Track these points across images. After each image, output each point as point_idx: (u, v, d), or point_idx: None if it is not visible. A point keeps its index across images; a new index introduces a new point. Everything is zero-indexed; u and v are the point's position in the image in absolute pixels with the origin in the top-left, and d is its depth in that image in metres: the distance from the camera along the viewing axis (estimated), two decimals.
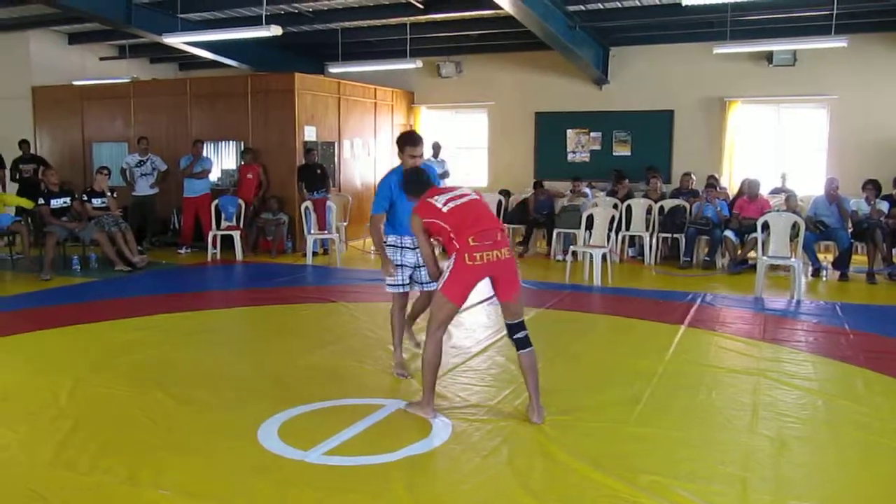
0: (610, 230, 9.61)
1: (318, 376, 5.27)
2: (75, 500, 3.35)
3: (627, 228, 10.79)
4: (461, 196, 4.51)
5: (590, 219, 9.75)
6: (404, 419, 4.41)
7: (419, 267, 5.30)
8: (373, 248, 12.09)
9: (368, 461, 3.79)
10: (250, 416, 4.39)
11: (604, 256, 9.21)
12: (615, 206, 10.60)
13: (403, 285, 5.39)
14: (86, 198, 10.19)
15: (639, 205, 10.91)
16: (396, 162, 5.26)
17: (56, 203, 9.85)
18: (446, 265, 4.40)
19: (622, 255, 10.92)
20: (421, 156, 5.15)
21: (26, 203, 10.40)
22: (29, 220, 10.60)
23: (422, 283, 5.34)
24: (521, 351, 4.49)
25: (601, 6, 11.19)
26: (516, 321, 4.49)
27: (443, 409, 4.55)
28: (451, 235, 4.34)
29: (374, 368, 5.46)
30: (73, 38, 14.67)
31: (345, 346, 6.04)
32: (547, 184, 12.42)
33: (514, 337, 4.50)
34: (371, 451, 3.91)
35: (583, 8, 11.21)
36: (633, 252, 11.28)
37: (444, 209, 4.39)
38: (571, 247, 9.94)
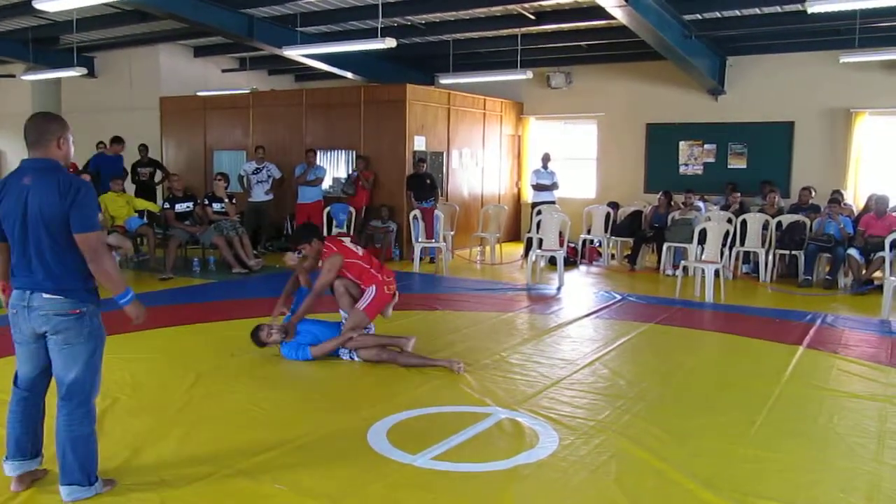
0: (723, 245, 9.31)
1: (425, 382, 5.32)
2: (197, 490, 3.51)
3: (742, 244, 10.41)
4: (353, 242, 6.24)
5: (702, 233, 9.47)
6: (511, 428, 4.41)
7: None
8: (478, 257, 12.17)
9: (477, 468, 3.81)
10: (360, 419, 4.48)
11: (716, 272, 8.93)
12: (729, 221, 10.26)
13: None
14: (207, 202, 10.68)
15: (754, 219, 10.51)
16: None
17: (180, 207, 10.39)
18: (366, 293, 5.84)
19: (735, 271, 10.55)
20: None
21: (153, 207, 11.00)
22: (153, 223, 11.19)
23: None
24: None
25: (719, 15, 10.88)
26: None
27: (550, 421, 4.52)
28: (371, 272, 5.91)
29: (480, 376, 5.46)
30: (198, 51, 15.44)
31: (450, 354, 6.07)
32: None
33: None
34: (479, 459, 3.92)
35: (699, 17, 10.94)
36: (748, 269, 10.88)
37: (360, 251, 6.03)
38: (682, 261, 9.68)
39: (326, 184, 12.42)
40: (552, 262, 10.83)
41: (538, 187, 12.69)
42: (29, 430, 3.45)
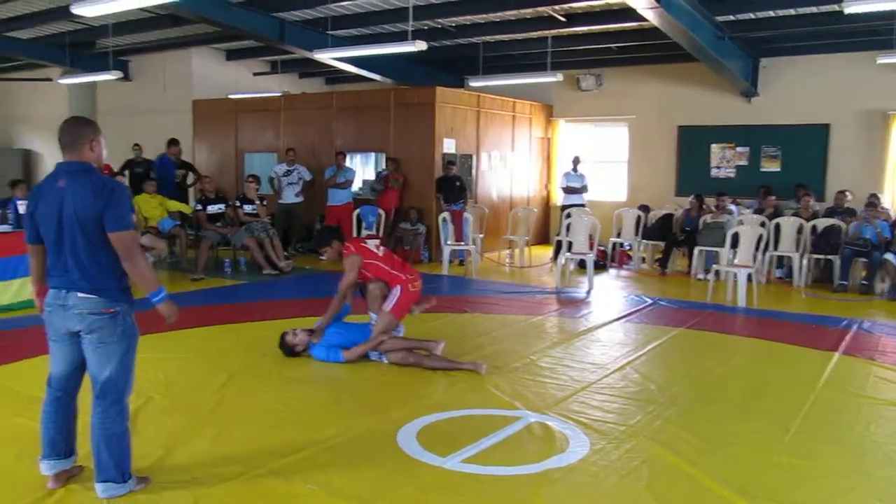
0: (756, 249, 9.19)
1: (454, 385, 5.32)
2: (229, 489, 3.53)
3: (775, 248, 10.26)
4: (377, 242, 6.17)
5: (735, 237, 9.35)
6: (541, 432, 4.38)
7: None
8: (507, 260, 12.14)
9: (506, 472, 3.80)
10: (390, 420, 4.49)
11: (749, 277, 8.81)
12: (762, 224, 10.12)
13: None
14: (238, 204, 10.77)
15: (788, 223, 10.36)
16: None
17: (212, 209, 10.49)
18: (391, 294, 5.87)
19: (768, 275, 10.41)
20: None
21: (185, 208, 11.12)
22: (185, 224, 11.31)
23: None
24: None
25: (752, 16, 10.76)
26: None
27: (580, 425, 4.49)
28: (392, 272, 5.91)
29: (509, 379, 5.44)
30: (230, 55, 15.60)
31: (479, 356, 6.05)
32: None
33: None
34: (509, 462, 3.91)
35: (732, 18, 10.82)
36: (781, 273, 10.72)
37: (381, 252, 6.01)
38: (715, 265, 9.56)
39: (356, 186, 12.47)
40: (581, 265, 10.78)
41: (568, 190, 12.63)
42: (62, 429, 3.50)
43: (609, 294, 9.41)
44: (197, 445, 4.08)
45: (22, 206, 8.00)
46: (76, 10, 8.16)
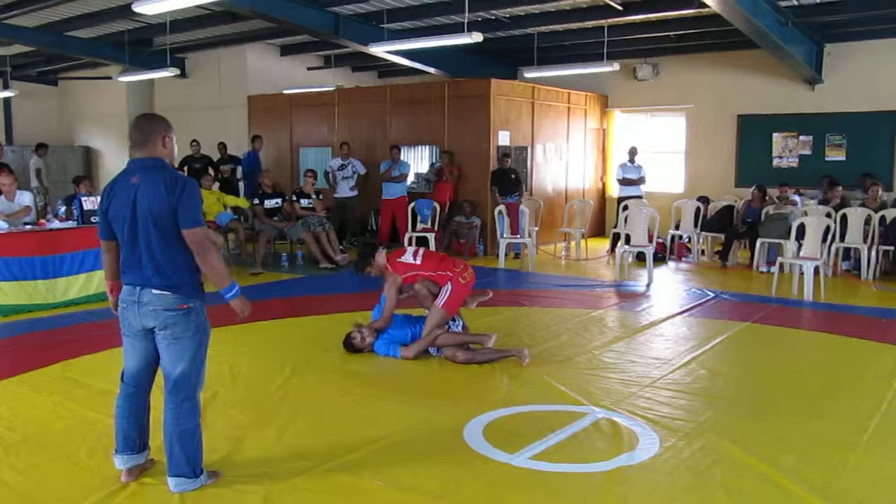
0: (823, 241, 8.91)
1: (517, 378, 5.26)
2: (299, 484, 3.54)
3: (842, 239, 9.93)
4: (415, 249, 6.08)
5: (800, 228, 9.08)
6: (609, 428, 4.30)
7: None
8: (563, 253, 12.02)
9: (576, 469, 3.73)
10: (456, 416, 4.45)
11: (816, 269, 8.55)
12: (828, 215, 9.82)
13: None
14: (295, 198, 10.86)
15: (855, 214, 10.02)
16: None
17: (269, 203, 10.59)
18: (443, 290, 5.75)
19: (835, 268, 10.09)
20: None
21: (243, 203, 11.26)
22: (242, 218, 11.44)
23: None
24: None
25: (817, 0, 10.42)
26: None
27: (649, 422, 4.39)
28: (437, 274, 5.82)
29: (573, 374, 5.36)
30: (285, 50, 15.73)
31: (541, 350, 6.00)
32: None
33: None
34: (578, 459, 3.84)
35: (796, 3, 10.50)
36: (848, 265, 10.40)
37: (419, 259, 5.91)
38: (779, 258, 9.30)
39: (409, 179, 12.47)
40: (639, 257, 10.61)
41: (625, 182, 12.44)
42: (136, 424, 3.54)
43: (669, 287, 9.22)
44: (265, 439, 4.10)
45: (87, 202, 8.16)
46: (137, 7, 8.29)
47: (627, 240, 10.01)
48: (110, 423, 4.09)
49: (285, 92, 14.67)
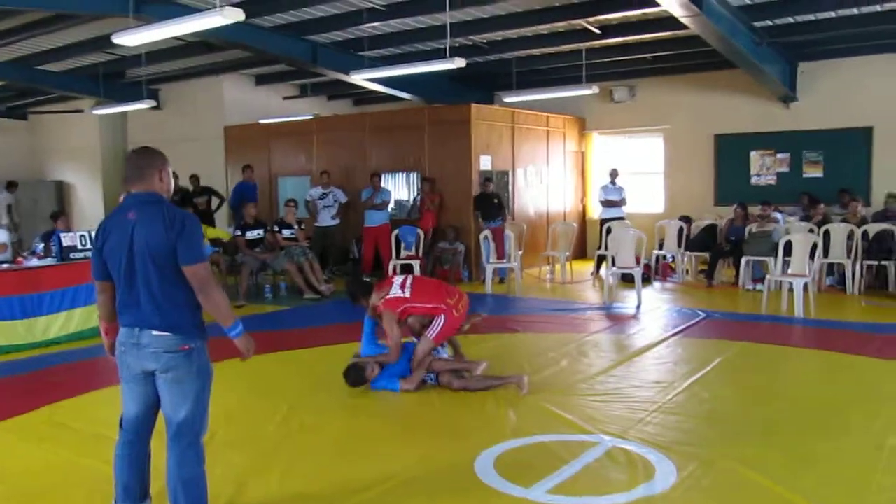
0: (810, 258, 8.93)
1: (522, 409, 5.13)
2: None
3: (825, 255, 9.98)
4: (403, 279, 5.82)
5: (787, 245, 9.10)
6: (622, 457, 4.19)
7: None
8: (548, 276, 11.96)
9: (597, 502, 3.62)
10: (463, 449, 4.32)
11: (805, 286, 8.56)
12: (810, 231, 9.87)
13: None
14: (277, 229, 10.70)
15: (838, 230, 10.09)
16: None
17: (251, 234, 10.41)
18: (435, 322, 5.62)
19: (819, 284, 10.12)
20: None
21: (223, 234, 11.07)
22: (222, 250, 11.24)
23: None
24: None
25: (792, 20, 10.56)
26: None
27: (661, 449, 4.29)
28: (430, 306, 5.66)
29: (577, 401, 5.26)
30: (260, 80, 15.62)
31: (542, 378, 5.89)
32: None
33: None
34: (597, 491, 3.73)
35: (770, 23, 10.62)
36: (832, 281, 10.46)
37: (407, 292, 5.67)
38: (768, 276, 9.30)
39: (390, 206, 12.35)
40: (625, 279, 10.57)
41: (607, 203, 12.45)
42: (136, 474, 3.37)
43: (658, 308, 9.18)
44: (268, 482, 3.94)
45: (66, 238, 7.95)
46: (117, 39, 8.16)
47: (613, 261, 9.97)
48: (105, 469, 3.92)
49: (262, 122, 14.54)
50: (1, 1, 8.84)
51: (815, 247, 8.91)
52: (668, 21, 10.01)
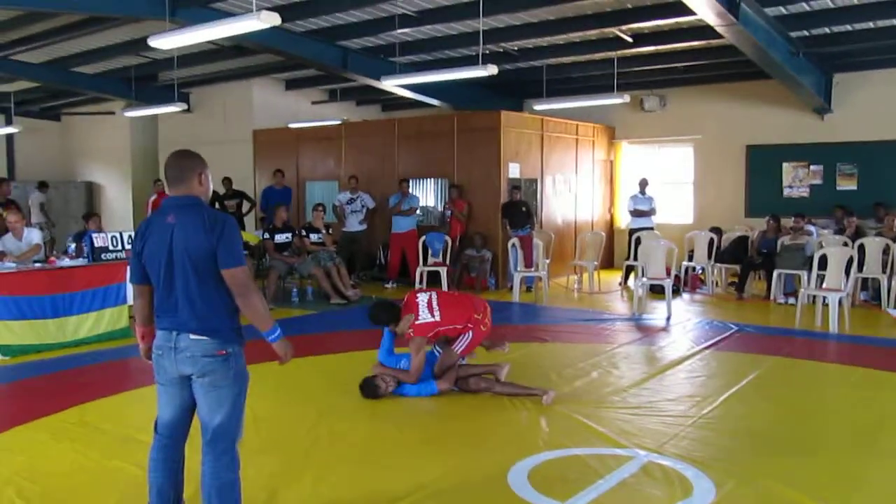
0: (846, 272, 8.77)
1: (554, 421, 5.06)
2: None
3: (859, 269, 9.79)
4: (428, 298, 5.67)
5: (822, 258, 8.94)
6: (659, 473, 4.11)
7: None
8: (576, 285, 11.87)
9: None
10: (496, 461, 4.26)
11: (840, 301, 8.41)
12: (844, 245, 9.70)
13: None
14: (304, 233, 10.70)
15: (873, 244, 9.91)
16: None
17: (279, 238, 10.43)
18: (463, 337, 5.61)
19: (854, 298, 9.94)
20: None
21: (251, 238, 11.10)
22: (250, 254, 11.27)
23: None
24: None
25: (828, 30, 10.41)
26: None
27: (697, 464, 4.20)
28: (457, 327, 5.60)
29: (610, 415, 5.18)
30: (289, 84, 15.68)
31: (574, 389, 5.81)
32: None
33: None
34: None
35: (806, 33, 10.48)
36: (866, 296, 10.27)
37: (436, 315, 5.54)
38: (802, 290, 9.14)
39: (417, 212, 12.32)
40: (654, 290, 10.44)
41: (636, 213, 12.34)
42: (171, 479, 3.34)
43: (688, 321, 9.04)
44: (301, 490, 3.90)
45: (97, 239, 8.01)
46: (154, 42, 8.20)
47: (643, 272, 9.86)
48: (136, 472, 3.93)
49: (291, 126, 14.58)
50: (40, 3, 8.94)
51: (850, 261, 8.74)
52: (702, 30, 9.94)
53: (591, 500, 3.72)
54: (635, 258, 11.03)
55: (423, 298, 5.70)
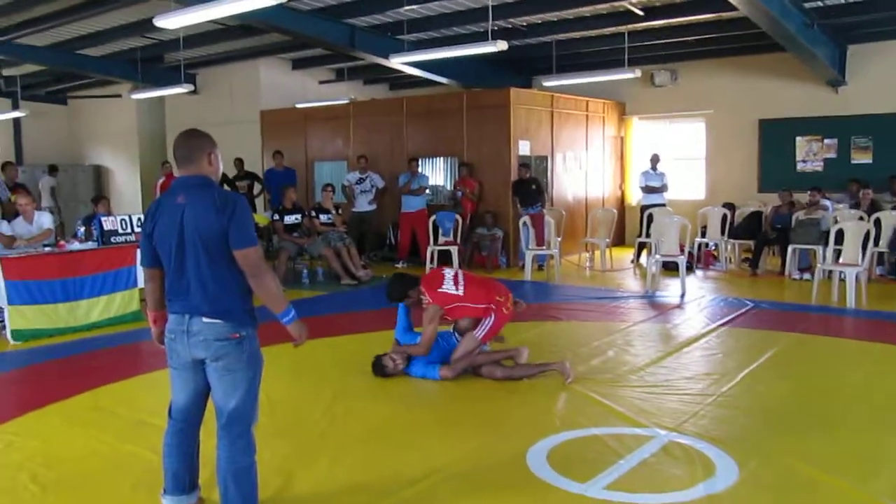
0: (863, 247, 8.65)
1: (572, 400, 5.01)
2: None
3: (876, 244, 9.66)
4: (455, 273, 5.61)
5: (839, 233, 8.81)
6: (679, 452, 4.04)
7: None
8: (587, 263, 11.78)
9: (659, 499, 3.48)
10: (515, 442, 4.20)
11: (857, 276, 8.30)
12: (861, 219, 9.56)
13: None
14: (314, 214, 10.64)
15: (889, 217, 9.78)
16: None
17: (289, 220, 10.37)
18: (484, 322, 5.44)
19: (870, 273, 9.80)
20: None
21: (261, 219, 11.04)
22: (260, 235, 11.22)
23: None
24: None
25: (843, 0, 10.20)
26: None
27: (718, 443, 4.14)
28: (480, 307, 5.46)
29: (628, 393, 5.12)
30: (296, 64, 15.55)
31: (590, 368, 5.75)
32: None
33: None
34: (657, 488, 3.59)
35: (821, 3, 10.29)
36: (882, 270, 10.14)
37: (461, 289, 5.46)
38: (819, 265, 9.03)
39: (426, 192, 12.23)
40: (667, 266, 10.34)
41: (647, 189, 12.21)
42: (186, 463, 3.30)
43: (703, 298, 8.94)
44: (317, 472, 3.86)
45: (107, 223, 7.96)
46: (159, 22, 8.11)
47: (656, 249, 9.76)
48: (150, 457, 3.90)
49: (298, 106, 14.47)
50: None
51: (867, 235, 8.62)
52: (714, 2, 9.76)
53: (612, 480, 3.67)
54: (647, 235, 10.93)
55: (449, 273, 5.67)
